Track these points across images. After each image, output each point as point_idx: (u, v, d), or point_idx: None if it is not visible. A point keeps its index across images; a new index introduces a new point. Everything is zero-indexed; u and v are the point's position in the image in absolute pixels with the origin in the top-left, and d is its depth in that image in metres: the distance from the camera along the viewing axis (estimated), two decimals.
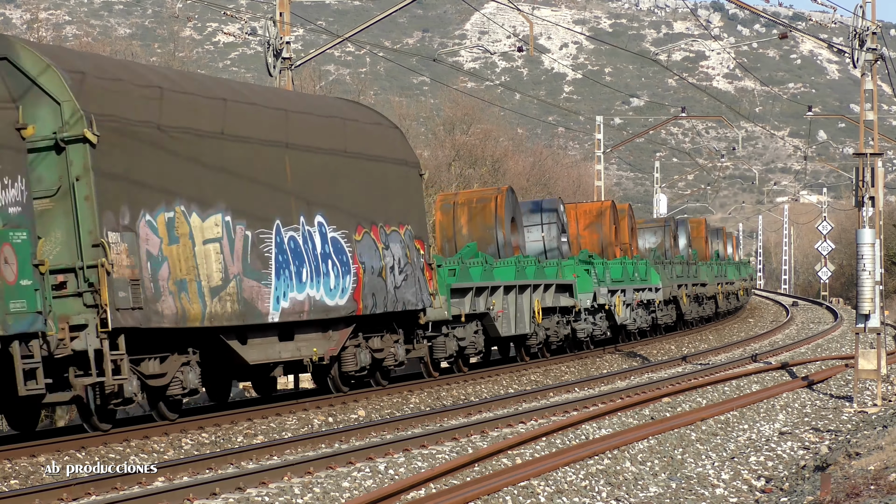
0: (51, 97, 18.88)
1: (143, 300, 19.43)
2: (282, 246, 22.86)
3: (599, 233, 43.48)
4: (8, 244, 17.26)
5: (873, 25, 27.19)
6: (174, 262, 20.21)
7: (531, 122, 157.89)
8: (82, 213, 18.81)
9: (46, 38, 78.21)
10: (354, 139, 25.62)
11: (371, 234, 25.70)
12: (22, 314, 17.34)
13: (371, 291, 25.41)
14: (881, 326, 26.88)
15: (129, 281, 19.14)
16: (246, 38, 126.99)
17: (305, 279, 23.38)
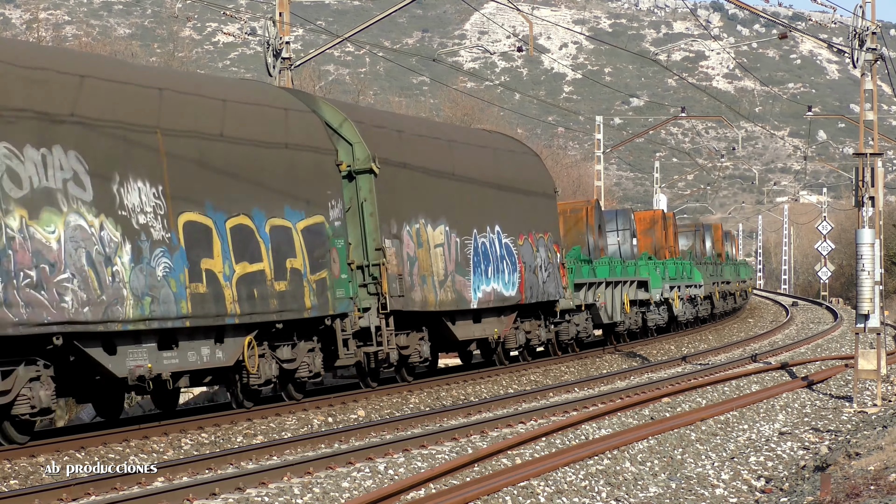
0: (346, 141, 25.82)
1: (404, 290, 26.42)
2: (477, 249, 30.06)
3: (653, 237, 50.72)
4: (335, 248, 24.45)
5: (873, 25, 27.19)
6: (420, 262, 27.34)
7: (531, 122, 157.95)
8: (368, 225, 25.74)
9: (46, 38, 78.17)
10: (515, 167, 33.41)
11: (528, 240, 32.76)
12: (342, 300, 24.59)
13: (529, 285, 32.51)
14: (881, 326, 26.88)
15: (397, 276, 26.15)
16: (245, 39, 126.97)
17: (490, 275, 30.54)
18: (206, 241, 21.20)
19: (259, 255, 22.32)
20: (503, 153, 33.36)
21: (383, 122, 28.12)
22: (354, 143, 25.74)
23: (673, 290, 47.80)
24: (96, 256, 18.78)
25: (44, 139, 18.22)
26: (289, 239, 23.25)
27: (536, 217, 33.42)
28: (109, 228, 19.15)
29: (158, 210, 20.19)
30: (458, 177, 29.71)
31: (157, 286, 19.91)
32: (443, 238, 28.48)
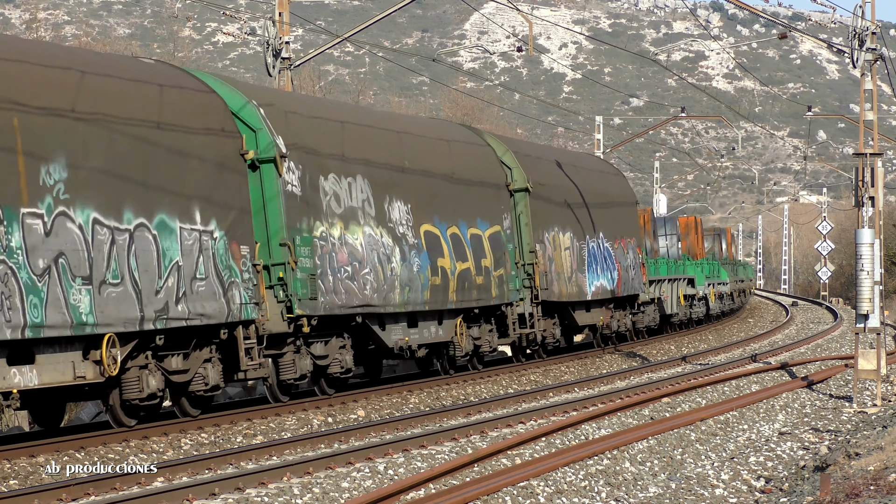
0: (507, 167, 32.85)
1: (547, 284, 33.52)
2: (590, 252, 37.16)
3: (688, 240, 56.27)
4: (507, 251, 31.47)
5: (873, 25, 27.18)
6: (556, 262, 34.33)
7: (531, 122, 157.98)
8: (524, 233, 32.88)
9: (45, 38, 78.20)
10: (613, 185, 41.26)
11: (621, 244, 39.84)
12: (513, 291, 31.77)
13: (623, 281, 39.62)
14: (881, 326, 26.87)
15: (543, 272, 33.30)
16: (245, 39, 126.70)
17: (598, 273, 37.65)
18: (438, 245, 28.41)
19: (466, 256, 29.47)
20: (605, 175, 41.86)
21: (530, 151, 36.61)
22: (513, 168, 32.92)
23: (710, 287, 56.02)
24: (381, 257, 25.78)
25: (349, 172, 25.06)
26: (481, 244, 30.43)
27: (625, 224, 40.93)
28: (385, 236, 26.17)
29: (409, 222, 27.24)
30: (585, 195, 37.54)
31: (413, 279, 26.98)
32: (569, 242, 35.69)
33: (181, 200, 20.48)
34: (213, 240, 21.14)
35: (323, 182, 24.14)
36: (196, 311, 20.47)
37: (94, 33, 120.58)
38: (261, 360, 22.15)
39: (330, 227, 24.11)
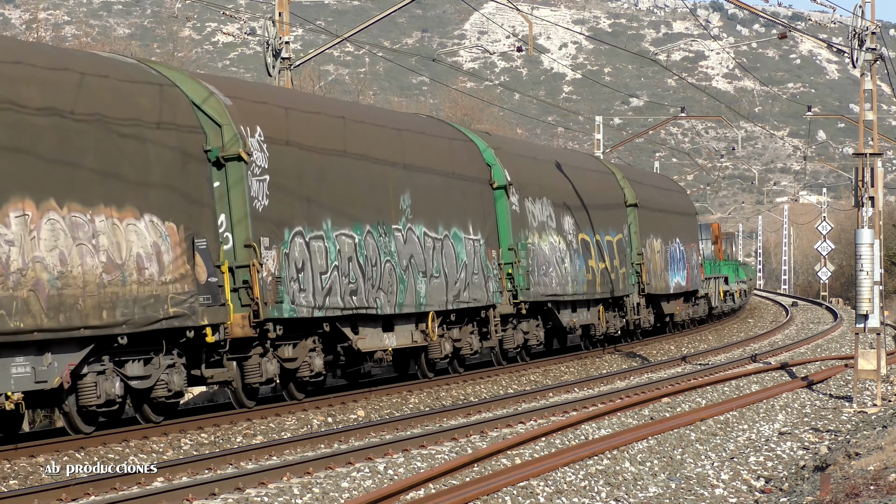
0: (621, 187, 42.17)
1: (650, 279, 42.63)
2: (672, 254, 46.24)
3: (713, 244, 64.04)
4: (626, 253, 39.84)
5: (872, 25, 27.18)
6: (653, 262, 43.43)
7: (530, 122, 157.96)
8: (633, 240, 41.94)
9: (45, 38, 78.17)
10: (684, 200, 52.14)
11: (689, 247, 49.34)
12: (631, 285, 40.41)
13: (691, 278, 49.37)
14: (880, 326, 26.87)
15: (649, 271, 42.38)
16: (245, 39, 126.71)
17: (677, 271, 47.00)
18: (589, 250, 37.18)
19: (604, 258, 38.11)
20: (680, 193, 53.29)
21: (636, 176, 45.96)
22: (625, 189, 42.15)
23: (737, 285, 65.57)
24: (558, 258, 34.59)
25: (539, 195, 33.94)
26: (612, 248, 39.18)
27: (691, 232, 50.74)
28: (561, 243, 35.05)
29: (574, 232, 36.27)
30: (667, 208, 47.00)
31: (577, 275, 35.81)
32: (660, 247, 44.73)
33: (464, 218, 29.50)
34: (479, 245, 30.09)
35: (528, 204, 33.15)
36: (473, 297, 29.38)
37: (93, 33, 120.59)
38: (499, 332, 30.98)
39: (533, 236, 32.96)
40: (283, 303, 22.41)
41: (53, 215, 17.95)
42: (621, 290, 39.67)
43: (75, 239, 18.23)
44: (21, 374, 17.74)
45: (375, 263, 25.39)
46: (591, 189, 38.49)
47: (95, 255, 18.57)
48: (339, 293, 24.11)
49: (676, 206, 49.50)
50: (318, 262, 23.52)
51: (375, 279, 25.30)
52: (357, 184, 25.18)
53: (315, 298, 23.44)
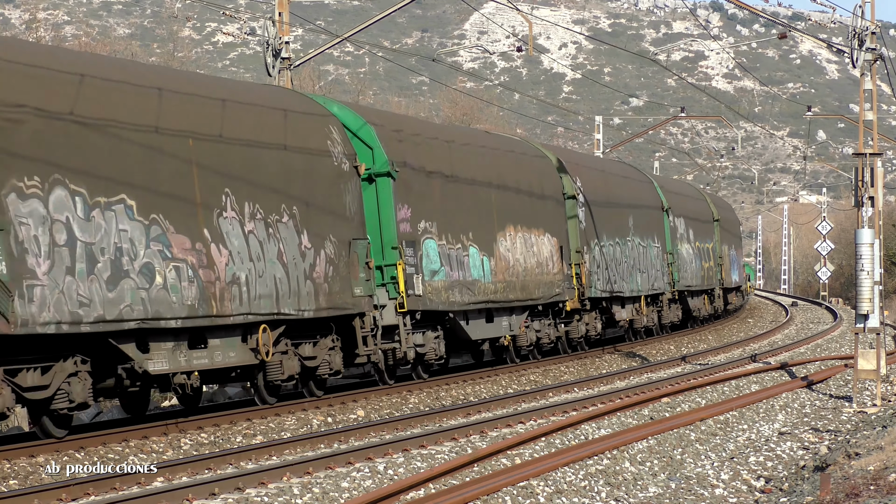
0: (713, 208, 58.71)
1: (727, 277, 57.88)
2: (733, 257, 59.42)
3: None
4: (713, 259, 56.19)
5: (872, 25, 27.18)
6: (727, 262, 57.69)
7: (530, 121, 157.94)
8: (717, 247, 56.90)
9: (45, 38, 78.15)
10: (731, 212, 63.06)
11: (738, 252, 63.60)
12: (717, 279, 56.00)
13: (731, 276, 60.63)
14: (880, 326, 26.87)
15: (726, 269, 57.43)
16: (245, 39, 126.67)
17: (736, 270, 62.64)
18: (700, 255, 51.53)
19: (710, 259, 51.52)
20: (727, 206, 65.15)
21: (718, 202, 59.32)
22: (713, 208, 57.25)
23: (751, 281, 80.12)
24: (691, 258, 50.26)
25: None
26: (708, 253, 52.60)
27: (734, 236, 62.32)
28: (692, 250, 49.27)
29: (693, 241, 50.69)
30: (731, 222, 62.69)
31: (697, 270, 50.73)
32: (727, 251, 59.25)
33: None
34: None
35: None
36: (734, 280, 50.74)
37: (93, 33, 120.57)
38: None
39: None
40: (592, 287, 37.08)
41: (518, 234, 32.55)
42: (714, 284, 55.13)
43: (527, 247, 32.90)
44: (505, 325, 31.99)
45: None
46: (706, 209, 56.66)
47: (535, 256, 33.32)
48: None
49: (733, 220, 65.31)
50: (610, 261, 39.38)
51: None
52: None
53: (601, 286, 38.09)
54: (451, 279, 28.53)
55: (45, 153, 18.02)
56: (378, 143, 26.29)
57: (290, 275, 22.88)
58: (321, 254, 23.89)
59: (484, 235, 30.73)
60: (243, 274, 21.62)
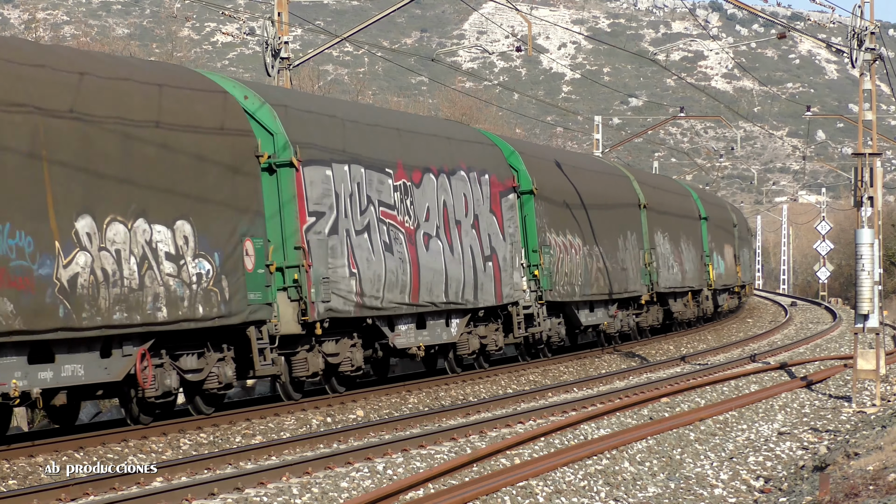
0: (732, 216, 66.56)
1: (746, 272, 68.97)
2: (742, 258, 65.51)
3: None
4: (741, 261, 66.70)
5: (872, 25, 27.17)
6: (743, 261, 66.77)
7: (529, 121, 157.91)
8: (740, 250, 65.14)
9: (44, 38, 78.11)
10: (742, 219, 67.91)
11: (748, 250, 68.28)
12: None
13: (745, 272, 67.00)
14: (880, 326, 26.87)
15: (745, 267, 67.50)
16: (244, 38, 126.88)
17: (751, 267, 76.67)
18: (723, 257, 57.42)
19: (726, 260, 57.18)
20: (741, 213, 72.11)
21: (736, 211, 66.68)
22: (734, 215, 64.18)
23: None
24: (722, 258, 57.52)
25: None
26: (733, 259, 59.28)
27: (749, 239, 68.53)
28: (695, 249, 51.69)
29: (713, 245, 55.04)
30: (745, 228, 68.27)
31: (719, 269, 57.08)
32: (747, 253, 66.52)
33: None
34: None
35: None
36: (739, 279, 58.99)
37: (92, 33, 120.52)
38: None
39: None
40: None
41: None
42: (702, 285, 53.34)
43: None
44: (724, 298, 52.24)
45: None
46: (728, 217, 62.08)
47: None
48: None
49: (726, 218, 64.40)
50: None
51: None
52: None
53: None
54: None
55: None
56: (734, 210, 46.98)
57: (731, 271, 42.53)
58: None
59: None
60: None
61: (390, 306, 25.56)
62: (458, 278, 28.25)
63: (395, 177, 26.27)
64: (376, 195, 25.45)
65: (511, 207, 31.33)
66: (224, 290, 21.00)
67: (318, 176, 23.68)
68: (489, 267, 29.70)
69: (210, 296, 20.72)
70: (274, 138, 22.89)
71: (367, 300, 24.68)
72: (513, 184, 31.74)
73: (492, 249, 30.00)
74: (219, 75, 23.64)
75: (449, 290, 27.81)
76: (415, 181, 27.10)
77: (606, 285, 37.76)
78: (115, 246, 18.98)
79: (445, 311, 28.15)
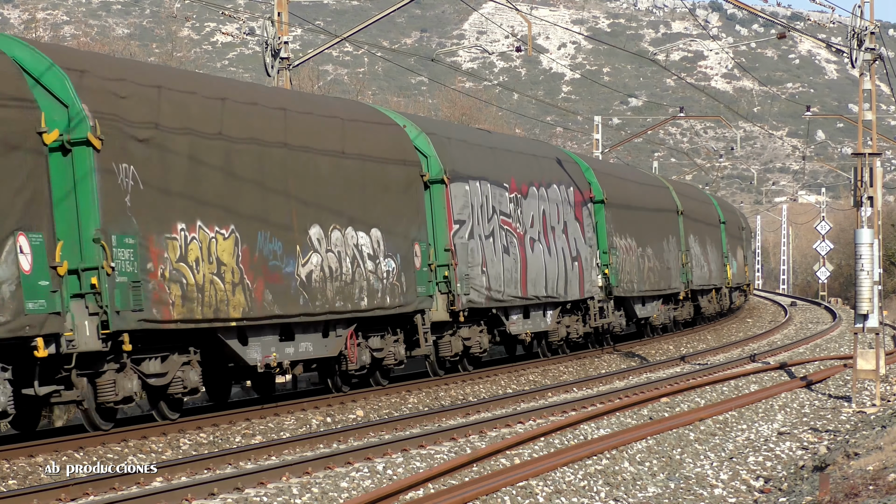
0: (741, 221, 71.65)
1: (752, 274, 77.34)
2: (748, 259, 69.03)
3: None
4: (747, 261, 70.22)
5: (871, 25, 27.18)
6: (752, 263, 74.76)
7: (529, 122, 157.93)
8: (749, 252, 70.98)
9: (44, 38, 78.12)
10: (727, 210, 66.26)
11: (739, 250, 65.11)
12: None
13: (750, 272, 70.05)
14: (879, 326, 26.87)
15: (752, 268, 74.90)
16: (244, 39, 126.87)
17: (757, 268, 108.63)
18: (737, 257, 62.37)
19: (738, 261, 57.93)
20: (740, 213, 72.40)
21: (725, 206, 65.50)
22: (742, 219, 65.57)
23: None
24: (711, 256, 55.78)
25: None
26: (743, 260, 62.51)
27: (736, 238, 63.91)
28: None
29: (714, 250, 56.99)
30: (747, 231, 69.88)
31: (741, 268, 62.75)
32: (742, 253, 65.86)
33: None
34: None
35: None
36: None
37: (92, 33, 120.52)
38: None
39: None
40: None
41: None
42: (722, 283, 56.77)
43: None
44: None
45: None
46: (731, 220, 62.57)
47: None
48: None
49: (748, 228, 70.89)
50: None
51: None
52: None
53: None
54: None
55: None
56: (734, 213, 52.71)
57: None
58: None
59: None
60: None
61: (508, 299, 30.72)
62: (554, 276, 33.67)
63: (509, 190, 31.50)
64: (498, 206, 30.81)
65: (589, 215, 37.13)
66: (403, 284, 26.10)
67: (460, 191, 28.70)
68: (575, 266, 35.38)
69: (394, 288, 25.85)
70: (428, 161, 27.87)
71: (492, 293, 29.78)
72: (590, 195, 37.51)
73: (577, 251, 35.75)
74: (384, 108, 29.41)
75: (547, 285, 33.25)
76: (523, 194, 32.40)
77: (656, 282, 43.41)
78: (336, 248, 24.09)
79: (543, 304, 33.52)
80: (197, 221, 20.48)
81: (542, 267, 33.00)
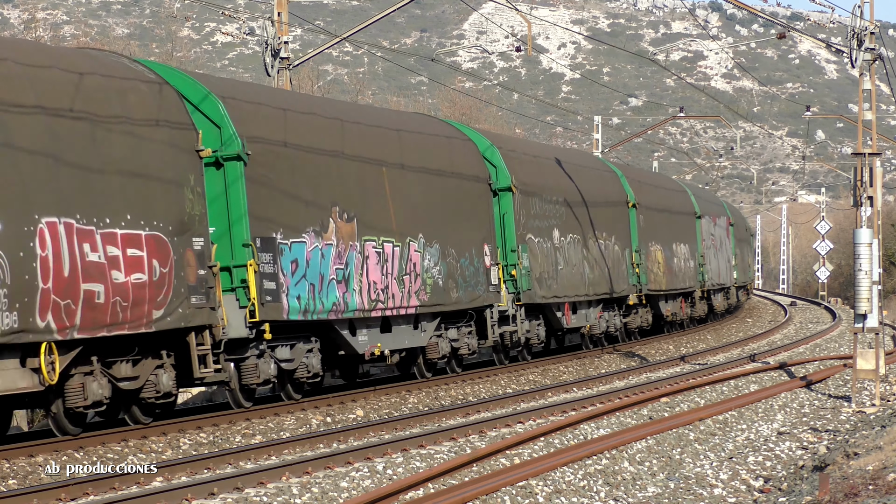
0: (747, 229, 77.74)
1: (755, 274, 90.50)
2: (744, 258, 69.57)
3: None
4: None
5: (871, 25, 27.18)
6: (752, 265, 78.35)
7: (529, 121, 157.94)
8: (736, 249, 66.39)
9: (44, 38, 78.11)
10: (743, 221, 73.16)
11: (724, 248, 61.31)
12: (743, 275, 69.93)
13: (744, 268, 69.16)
14: (879, 326, 26.87)
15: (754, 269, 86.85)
16: (244, 38, 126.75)
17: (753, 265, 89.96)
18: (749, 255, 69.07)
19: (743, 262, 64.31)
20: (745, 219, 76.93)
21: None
22: (747, 227, 65.73)
23: None
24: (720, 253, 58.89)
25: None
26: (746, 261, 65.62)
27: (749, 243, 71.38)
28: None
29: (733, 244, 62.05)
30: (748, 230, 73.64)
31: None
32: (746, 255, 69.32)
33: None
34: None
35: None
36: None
37: (92, 33, 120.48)
38: None
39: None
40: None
41: None
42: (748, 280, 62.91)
43: None
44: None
45: None
46: (739, 223, 65.66)
47: None
48: None
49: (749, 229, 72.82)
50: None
51: None
52: None
53: None
54: None
55: None
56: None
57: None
58: None
59: None
60: None
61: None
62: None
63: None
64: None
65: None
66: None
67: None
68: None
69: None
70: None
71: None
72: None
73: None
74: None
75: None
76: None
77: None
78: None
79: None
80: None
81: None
